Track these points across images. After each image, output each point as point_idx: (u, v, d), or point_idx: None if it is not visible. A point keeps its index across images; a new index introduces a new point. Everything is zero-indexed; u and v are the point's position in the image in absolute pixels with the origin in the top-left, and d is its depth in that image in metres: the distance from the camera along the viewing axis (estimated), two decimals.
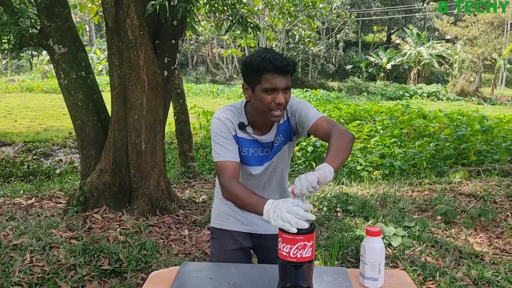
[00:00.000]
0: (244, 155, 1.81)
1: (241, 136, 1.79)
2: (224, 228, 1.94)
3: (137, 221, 3.97)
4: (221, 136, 1.73)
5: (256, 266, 1.77)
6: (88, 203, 4.20)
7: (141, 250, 3.38)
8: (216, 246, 1.95)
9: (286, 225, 1.34)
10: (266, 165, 1.85)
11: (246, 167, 1.84)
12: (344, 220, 4.30)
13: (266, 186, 1.90)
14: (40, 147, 9.63)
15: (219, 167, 1.70)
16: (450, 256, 3.58)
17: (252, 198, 1.53)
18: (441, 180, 6.38)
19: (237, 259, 1.86)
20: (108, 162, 4.25)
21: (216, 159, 1.71)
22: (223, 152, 1.71)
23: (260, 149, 1.83)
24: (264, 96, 1.65)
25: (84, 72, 4.61)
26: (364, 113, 11.63)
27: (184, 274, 1.65)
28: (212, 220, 2.00)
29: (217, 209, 1.98)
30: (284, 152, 1.88)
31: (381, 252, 1.59)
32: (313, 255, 1.40)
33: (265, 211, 1.43)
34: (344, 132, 1.65)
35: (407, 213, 4.65)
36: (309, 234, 1.37)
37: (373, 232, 1.58)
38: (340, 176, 6.49)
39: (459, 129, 9.01)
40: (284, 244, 1.37)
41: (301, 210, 1.35)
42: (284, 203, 1.38)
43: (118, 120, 4.28)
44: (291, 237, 1.36)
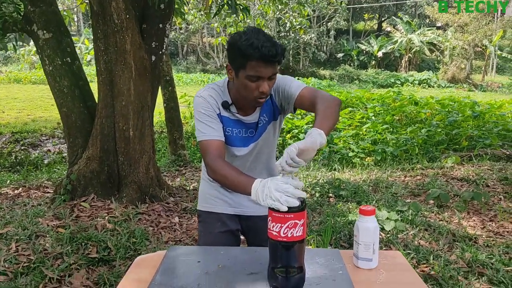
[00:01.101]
0: (228, 135, 1.73)
1: (225, 115, 1.72)
2: (211, 210, 1.87)
3: (126, 209, 3.89)
4: (205, 115, 1.65)
5: (246, 249, 1.71)
6: (76, 191, 4.11)
7: (130, 238, 3.31)
8: (203, 229, 1.89)
9: (276, 204, 1.27)
10: (251, 146, 1.78)
11: (231, 148, 1.76)
12: (336, 205, 4.26)
13: (253, 167, 1.83)
14: (28, 138, 9.47)
15: (204, 146, 1.62)
16: (444, 239, 3.55)
17: (240, 178, 1.46)
18: (433, 165, 6.37)
19: (225, 242, 1.80)
20: (95, 150, 4.16)
21: (200, 138, 1.64)
22: (207, 131, 1.63)
23: (244, 129, 1.75)
24: (248, 83, 1.56)
25: (69, 58, 4.49)
26: (356, 100, 11.60)
27: (171, 258, 1.59)
28: (199, 203, 1.92)
29: (204, 191, 1.91)
30: (269, 132, 1.80)
31: (375, 232, 1.53)
32: (305, 234, 1.34)
33: (253, 191, 1.37)
34: (329, 98, 1.57)
35: (399, 197, 4.62)
36: (300, 212, 1.30)
37: (366, 211, 1.52)
38: (332, 163, 6.45)
39: (450, 115, 9.01)
40: (274, 223, 1.31)
41: (290, 188, 1.28)
42: (273, 181, 1.31)
43: (105, 106, 4.18)
44: (281, 215, 1.29)
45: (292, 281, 1.34)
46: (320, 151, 7.13)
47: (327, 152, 7.02)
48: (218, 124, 1.66)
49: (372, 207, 1.54)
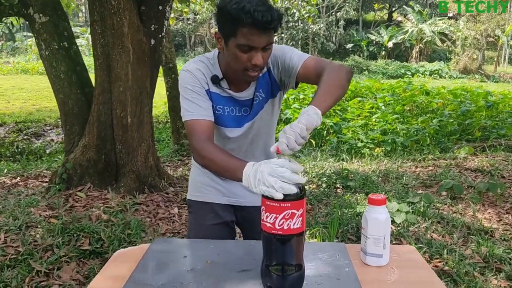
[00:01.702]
0: (219, 114, 1.53)
1: (215, 91, 1.51)
2: (202, 200, 1.67)
3: (123, 199, 3.72)
4: (191, 91, 1.45)
5: (240, 243, 1.52)
6: (72, 181, 3.95)
7: (125, 229, 3.14)
8: (194, 221, 1.69)
9: (270, 191, 1.08)
10: (246, 126, 1.57)
11: (222, 129, 1.56)
12: (344, 196, 4.05)
13: (249, 152, 1.63)
14: (32, 127, 9.37)
15: (190, 127, 1.43)
16: (458, 232, 3.34)
17: (229, 162, 1.27)
18: (446, 156, 6.13)
19: (218, 235, 1.61)
20: (92, 138, 3.99)
21: (186, 118, 1.44)
22: (194, 109, 1.43)
23: (238, 107, 1.54)
24: (239, 53, 1.35)
25: (66, 42, 4.33)
26: (365, 90, 11.32)
27: (154, 252, 1.40)
28: (189, 192, 1.73)
29: (194, 179, 1.72)
30: (267, 110, 1.59)
31: (386, 224, 1.33)
32: (304, 226, 1.14)
33: (244, 176, 1.18)
34: (337, 68, 1.36)
35: (410, 188, 4.40)
36: (298, 200, 1.11)
37: (376, 200, 1.33)
38: (340, 153, 6.23)
39: (463, 105, 8.73)
40: (268, 214, 1.12)
41: (287, 172, 1.08)
42: (267, 164, 1.12)
43: (102, 92, 4.00)
44: (276, 204, 1.10)
45: (289, 280, 1.15)
46: (328, 141, 6.92)
47: (335, 142, 6.81)
48: (206, 102, 1.47)
49: (382, 196, 1.35)
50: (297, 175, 1.10)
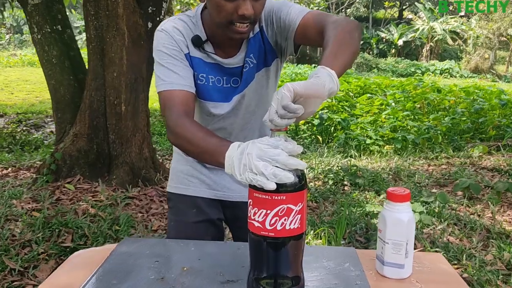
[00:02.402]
0: (202, 84, 1.25)
1: (197, 56, 1.23)
2: (184, 193, 1.40)
3: (114, 192, 3.47)
4: (167, 55, 1.18)
5: (226, 245, 1.25)
6: (61, 172, 3.70)
7: (113, 225, 2.88)
8: (173, 217, 1.42)
9: (258, 179, 0.81)
10: (235, 101, 1.29)
11: (205, 103, 1.28)
12: (352, 194, 3.77)
13: (239, 133, 1.35)
14: (33, 119, 9.17)
15: (164, 99, 1.16)
16: (477, 236, 3.04)
17: (209, 141, 1.00)
18: (459, 154, 5.82)
19: (202, 235, 1.34)
20: (83, 126, 3.74)
21: (160, 88, 1.17)
22: (169, 78, 1.16)
23: (226, 77, 1.26)
24: (222, 2, 1.08)
25: (60, 26, 4.10)
26: (375, 87, 11.01)
27: (120, 254, 1.14)
28: (169, 183, 1.45)
29: (175, 167, 1.44)
30: (261, 82, 1.30)
31: (410, 226, 1.06)
32: (304, 226, 0.87)
33: (227, 160, 0.90)
34: (344, 21, 1.08)
35: (423, 187, 4.11)
36: (297, 192, 0.83)
37: (398, 195, 1.05)
38: (348, 149, 5.94)
39: (476, 103, 8.42)
40: (256, 209, 0.85)
41: (282, 154, 0.81)
42: (256, 145, 0.84)
43: (95, 78, 3.75)
44: (267, 197, 0.83)
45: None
46: (336, 137, 6.63)
47: (343, 139, 6.52)
48: (185, 69, 1.19)
49: (406, 190, 1.07)
50: (294, 158, 0.82)
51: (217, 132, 1.30)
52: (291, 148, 0.83)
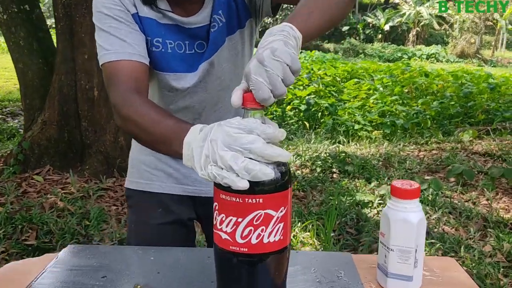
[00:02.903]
0: (158, 52, 1.00)
1: (148, 16, 0.98)
2: (147, 189, 1.15)
3: (86, 184, 3.22)
4: (109, 17, 0.93)
5: (194, 252, 1.03)
6: (29, 162, 3.43)
7: (83, 219, 2.65)
8: (135, 219, 1.18)
9: (225, 175, 0.59)
10: (201, 70, 1.03)
11: (164, 75, 1.03)
12: (341, 182, 3.57)
13: (211, 114, 1.10)
14: (9, 107, 8.80)
15: (108, 72, 0.91)
16: (474, 225, 2.88)
17: (164, 125, 0.77)
18: (450, 139, 5.68)
19: (169, 239, 1.11)
20: (52, 113, 3.47)
21: (103, 60, 0.92)
22: (113, 46, 0.91)
23: (189, 41, 1.01)
24: None
25: (28, 5, 3.80)
26: (362, 72, 10.83)
27: (59, 267, 0.92)
28: (128, 177, 1.21)
29: (135, 158, 1.20)
30: (235, 47, 1.06)
31: (421, 229, 0.86)
32: (288, 237, 0.65)
33: (185, 148, 0.68)
34: None
35: (415, 174, 3.94)
36: (278, 192, 0.62)
37: (406, 191, 0.85)
38: (336, 134, 5.75)
39: (464, 87, 8.32)
40: (224, 216, 0.63)
41: (258, 141, 0.59)
42: (222, 128, 0.62)
43: (64, 60, 3.47)
44: (238, 199, 0.61)
45: None
46: (323, 123, 6.43)
47: (331, 124, 6.32)
48: (134, 34, 0.94)
49: (415, 184, 0.87)
50: (275, 147, 0.60)
51: (183, 112, 1.07)
52: (271, 132, 0.60)
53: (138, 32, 0.95)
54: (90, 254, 0.99)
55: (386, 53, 25.40)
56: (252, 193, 0.60)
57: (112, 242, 2.44)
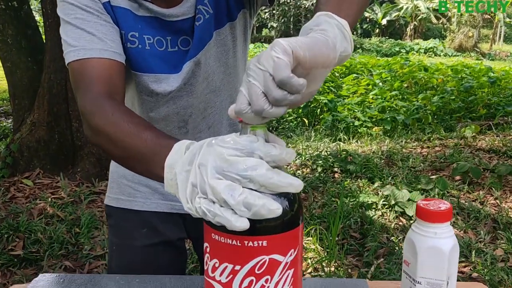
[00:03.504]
0: (134, 49, 0.85)
1: (122, 5, 0.83)
2: (129, 207, 1.01)
3: (78, 187, 3.08)
4: (75, 7, 0.78)
5: (186, 281, 0.89)
6: (18, 165, 3.29)
7: (73, 227, 2.51)
8: (116, 240, 1.04)
9: (218, 212, 0.45)
10: (186, 70, 0.88)
11: (142, 77, 0.88)
12: (343, 182, 3.44)
13: (200, 123, 0.96)
14: (3, 106, 8.64)
15: (75, 73, 0.77)
16: (483, 226, 2.76)
17: (140, 139, 0.63)
18: (452, 135, 5.56)
19: (156, 263, 0.98)
20: (42, 113, 3.32)
21: (69, 58, 0.78)
22: (80, 41, 0.77)
23: (171, 37, 0.86)
24: None
25: (16, 1, 3.63)
26: (361, 67, 10.70)
27: None
28: (108, 193, 1.06)
29: (116, 171, 1.04)
30: (225, 44, 0.91)
31: (454, 257, 0.72)
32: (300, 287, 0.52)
33: (167, 171, 0.54)
34: None
35: (419, 172, 3.81)
36: (287, 232, 0.48)
37: (437, 213, 0.71)
38: (336, 132, 5.62)
39: (464, 81, 8.21)
40: (217, 262, 0.49)
41: (260, 167, 0.45)
42: (214, 148, 0.48)
43: (54, 58, 3.32)
44: (235, 242, 0.47)
45: None
46: (322, 119, 6.29)
47: (330, 121, 6.19)
48: (105, 26, 0.80)
49: (445, 203, 0.73)
50: (282, 172, 0.47)
51: (166, 121, 0.93)
52: (277, 154, 0.47)
53: (111, 24, 0.81)
54: (63, 285, 0.85)
55: (383, 48, 25.27)
56: (254, 234, 0.46)
57: (103, 250, 2.30)
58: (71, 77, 0.78)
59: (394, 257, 2.37)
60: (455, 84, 8.14)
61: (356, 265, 2.33)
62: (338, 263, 2.31)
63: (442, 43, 26.35)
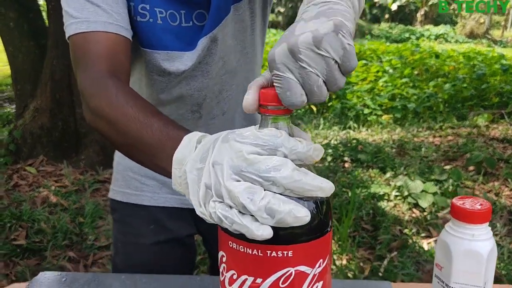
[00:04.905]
0: (144, 23, 0.76)
1: None
2: (135, 202, 0.93)
3: (82, 175, 3.02)
4: None
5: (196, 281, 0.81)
6: (21, 152, 3.23)
7: (77, 216, 2.45)
8: (121, 237, 0.96)
9: (236, 220, 0.37)
10: (201, 47, 0.79)
11: (153, 54, 0.78)
12: (354, 172, 3.35)
13: (214, 107, 0.87)
14: (6, 91, 8.60)
15: (77, 47, 0.69)
16: (499, 219, 2.66)
17: (146, 126, 0.54)
18: (464, 123, 5.44)
19: (164, 261, 0.90)
20: (45, 99, 3.25)
21: (71, 31, 0.69)
22: (83, 13, 0.69)
23: (185, 11, 0.77)
24: None
25: None
26: (370, 53, 10.52)
27: None
28: (112, 186, 0.97)
29: (121, 163, 0.96)
30: (243, 20, 0.82)
31: (491, 261, 0.65)
32: None
33: (175, 167, 0.46)
34: None
35: (431, 162, 3.70)
36: (314, 240, 0.40)
37: (474, 213, 0.64)
38: (345, 120, 5.52)
39: (477, 69, 8.04)
40: (235, 274, 0.41)
41: (285, 166, 0.38)
42: (231, 144, 0.40)
43: (56, 43, 3.24)
44: (256, 252, 0.39)
45: None
46: (331, 107, 6.18)
47: (339, 109, 6.08)
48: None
49: (484, 202, 0.65)
50: (310, 173, 0.38)
51: (177, 104, 0.84)
52: (303, 151, 0.39)
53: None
54: (65, 285, 0.78)
55: (393, 34, 24.91)
56: (277, 243, 0.39)
57: (108, 241, 2.24)
58: (72, 52, 0.70)
59: (408, 250, 2.28)
60: (467, 71, 7.98)
61: (368, 258, 2.25)
62: (350, 256, 2.24)
63: (453, 29, 25.96)
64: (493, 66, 8.38)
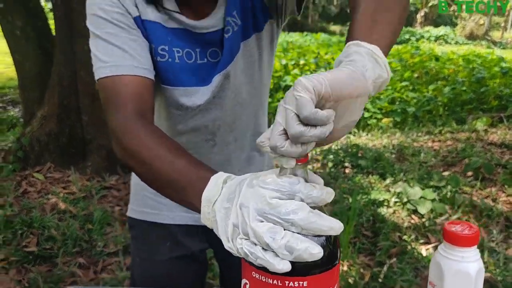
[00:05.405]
0: (164, 62, 0.83)
1: (153, 19, 0.81)
2: (152, 220, 1.01)
3: (89, 182, 3.09)
4: (106, 22, 0.77)
5: None
6: (29, 159, 3.30)
7: (86, 223, 2.52)
8: (138, 253, 1.04)
9: (260, 255, 0.45)
10: (216, 83, 0.87)
11: (171, 91, 0.86)
12: (354, 178, 3.43)
13: (227, 135, 0.94)
14: (10, 94, 8.64)
15: (107, 90, 0.76)
16: (495, 225, 2.74)
17: (175, 166, 0.62)
18: (463, 128, 5.51)
19: (179, 276, 0.98)
20: (52, 106, 3.32)
21: (100, 74, 0.77)
22: (112, 57, 0.76)
23: (200, 49, 0.85)
24: None
25: None
26: None
27: None
28: (130, 205, 1.06)
29: (138, 183, 1.03)
30: (251, 56, 0.89)
31: (479, 281, 0.72)
32: None
33: (204, 205, 0.54)
34: None
35: (430, 168, 3.78)
36: (325, 272, 0.48)
37: (464, 238, 0.71)
38: None
39: (476, 72, 8.10)
40: None
41: (302, 210, 0.45)
42: (256, 190, 0.47)
43: (64, 51, 3.31)
44: (276, 282, 0.47)
45: None
46: None
47: None
48: (137, 42, 0.79)
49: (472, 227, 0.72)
50: (323, 215, 0.46)
51: (194, 134, 0.92)
52: (317, 196, 0.47)
53: (142, 39, 0.80)
54: None
55: None
56: (294, 274, 0.46)
57: (116, 247, 2.32)
58: (101, 93, 0.77)
59: (407, 256, 2.36)
60: (467, 74, 8.04)
61: (368, 265, 2.32)
62: (350, 262, 2.31)
63: (453, 30, 26.01)
64: (492, 69, 8.44)
